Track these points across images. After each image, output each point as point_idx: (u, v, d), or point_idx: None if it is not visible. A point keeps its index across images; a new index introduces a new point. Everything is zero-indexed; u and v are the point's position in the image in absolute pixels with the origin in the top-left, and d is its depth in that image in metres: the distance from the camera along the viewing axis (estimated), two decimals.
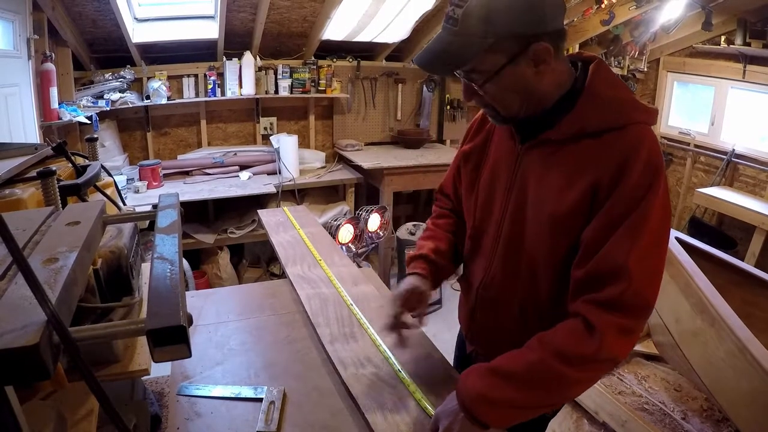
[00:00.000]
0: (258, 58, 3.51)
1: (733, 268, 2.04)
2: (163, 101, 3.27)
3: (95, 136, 1.56)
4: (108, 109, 3.07)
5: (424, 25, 3.66)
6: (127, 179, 3.19)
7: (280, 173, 3.49)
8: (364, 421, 0.97)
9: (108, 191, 1.33)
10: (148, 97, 3.26)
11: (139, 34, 3.09)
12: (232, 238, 3.43)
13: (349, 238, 3.13)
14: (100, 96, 3.11)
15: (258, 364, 1.16)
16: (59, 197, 1.06)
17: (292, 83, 3.66)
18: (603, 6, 3.51)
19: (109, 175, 1.46)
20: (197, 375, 1.12)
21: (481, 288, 1.09)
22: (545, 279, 0.97)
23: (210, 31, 3.24)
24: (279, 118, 3.89)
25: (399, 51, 4.09)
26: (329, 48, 3.79)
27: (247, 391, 1.06)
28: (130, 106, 3.17)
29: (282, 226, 1.89)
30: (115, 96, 3.11)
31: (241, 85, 3.48)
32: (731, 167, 3.93)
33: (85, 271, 0.75)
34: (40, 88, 2.52)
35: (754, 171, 3.80)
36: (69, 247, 0.68)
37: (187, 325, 0.54)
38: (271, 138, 3.64)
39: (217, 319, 1.35)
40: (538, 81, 0.88)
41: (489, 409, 0.87)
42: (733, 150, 3.86)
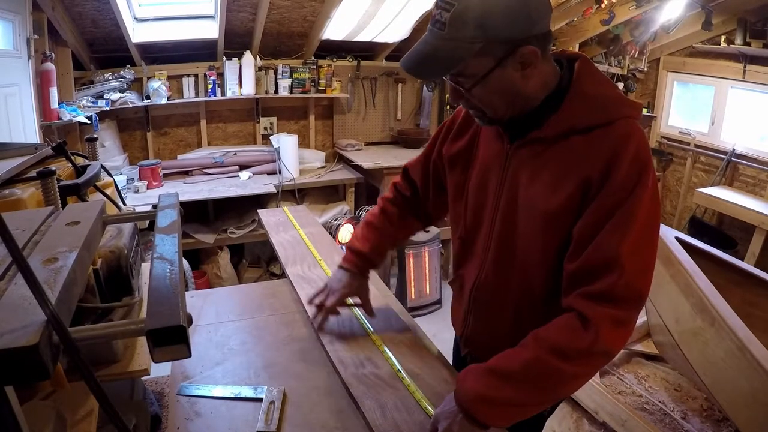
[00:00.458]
0: (258, 58, 3.51)
1: (733, 268, 2.04)
2: (163, 101, 3.26)
3: (95, 136, 1.56)
4: (108, 109, 3.07)
5: (424, 24, 3.64)
6: (127, 179, 3.19)
7: (280, 173, 3.49)
8: (364, 421, 0.97)
9: (108, 191, 1.33)
10: (148, 97, 3.26)
11: (139, 34, 3.09)
12: (232, 238, 3.43)
13: (349, 238, 3.12)
14: (100, 96, 3.10)
15: (258, 364, 1.16)
16: (59, 197, 1.06)
17: (292, 83, 3.66)
18: (603, 6, 3.51)
19: (109, 175, 1.46)
20: (197, 375, 1.12)
21: (474, 290, 1.09)
22: (538, 278, 0.97)
23: (210, 30, 3.24)
24: (279, 117, 3.89)
25: (399, 51, 4.07)
26: (329, 48, 3.79)
27: (247, 391, 1.06)
28: (130, 106, 3.17)
29: (282, 225, 1.88)
30: (115, 96, 3.10)
31: (241, 85, 3.48)
32: (731, 167, 3.93)
33: (85, 271, 0.75)
34: (40, 88, 2.52)
35: (754, 171, 3.80)
36: (69, 247, 0.68)
37: (186, 325, 0.54)
38: (271, 138, 3.63)
39: (217, 319, 1.35)
40: (524, 83, 0.89)
41: (488, 409, 0.87)
42: (733, 150, 3.86)
